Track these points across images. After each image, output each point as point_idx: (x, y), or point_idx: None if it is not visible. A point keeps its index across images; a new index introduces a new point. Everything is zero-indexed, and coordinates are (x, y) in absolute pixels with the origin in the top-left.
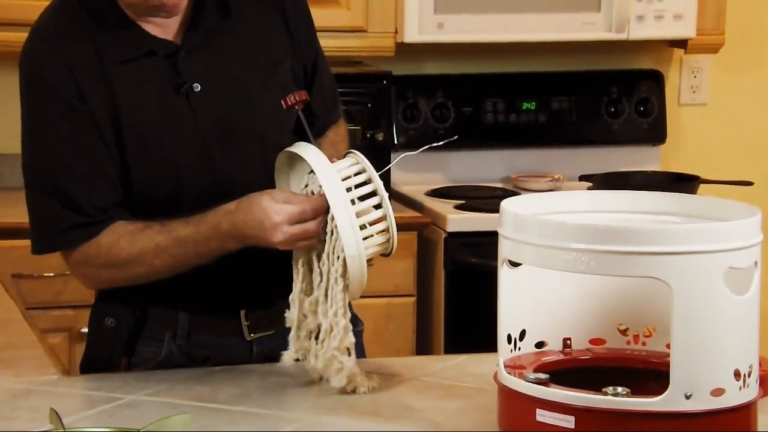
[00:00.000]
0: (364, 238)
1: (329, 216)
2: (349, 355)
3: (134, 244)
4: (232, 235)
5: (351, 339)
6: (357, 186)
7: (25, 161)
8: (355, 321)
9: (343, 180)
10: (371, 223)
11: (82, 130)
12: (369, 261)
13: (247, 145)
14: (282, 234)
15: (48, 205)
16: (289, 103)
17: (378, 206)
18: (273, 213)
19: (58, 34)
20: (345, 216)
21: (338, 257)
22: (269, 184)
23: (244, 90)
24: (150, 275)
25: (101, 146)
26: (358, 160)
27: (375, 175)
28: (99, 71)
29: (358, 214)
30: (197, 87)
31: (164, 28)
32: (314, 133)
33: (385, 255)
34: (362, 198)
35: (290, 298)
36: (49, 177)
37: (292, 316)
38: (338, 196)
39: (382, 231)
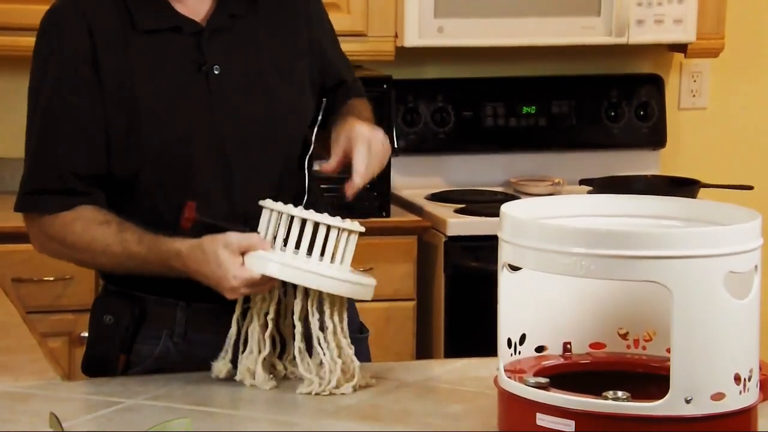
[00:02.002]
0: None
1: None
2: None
3: (87, 233)
4: (180, 272)
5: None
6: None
7: (28, 111)
8: (361, 328)
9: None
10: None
11: (82, 97)
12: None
13: (259, 134)
14: (236, 293)
15: (28, 163)
16: (190, 220)
17: (317, 226)
18: (232, 277)
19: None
20: (309, 276)
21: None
22: (276, 173)
23: (262, 79)
24: (93, 266)
25: (95, 115)
26: (269, 209)
27: (289, 210)
28: (120, 40)
29: (313, 244)
30: (217, 69)
31: (192, 9)
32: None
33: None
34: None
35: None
36: (37, 132)
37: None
38: (293, 274)
39: (343, 230)
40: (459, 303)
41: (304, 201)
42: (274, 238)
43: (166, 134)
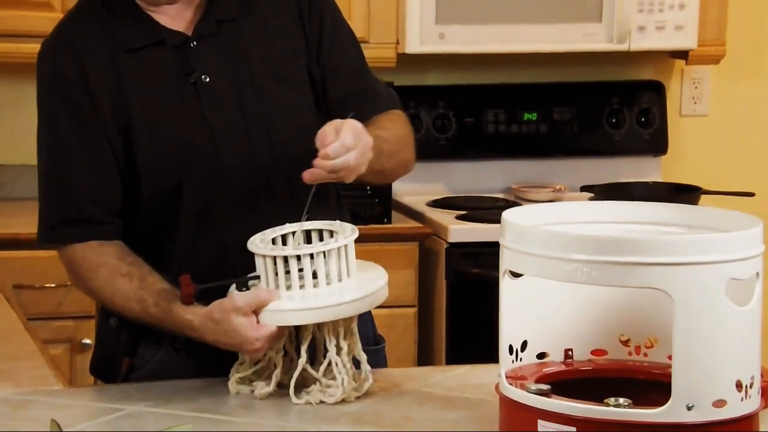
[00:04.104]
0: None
1: None
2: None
3: (110, 284)
4: (195, 338)
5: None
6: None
7: (37, 148)
8: (377, 339)
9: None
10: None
11: (83, 122)
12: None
13: (253, 137)
14: (259, 352)
15: (42, 196)
16: (190, 295)
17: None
18: (254, 340)
19: (72, 26)
20: (327, 311)
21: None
22: (273, 175)
23: (253, 82)
24: (114, 311)
25: (100, 139)
26: (260, 255)
27: (275, 252)
28: (107, 60)
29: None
30: (206, 78)
31: (177, 20)
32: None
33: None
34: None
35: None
36: (47, 164)
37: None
38: (297, 317)
39: (340, 247)
40: (460, 309)
41: (305, 214)
42: (277, 274)
43: (161, 148)
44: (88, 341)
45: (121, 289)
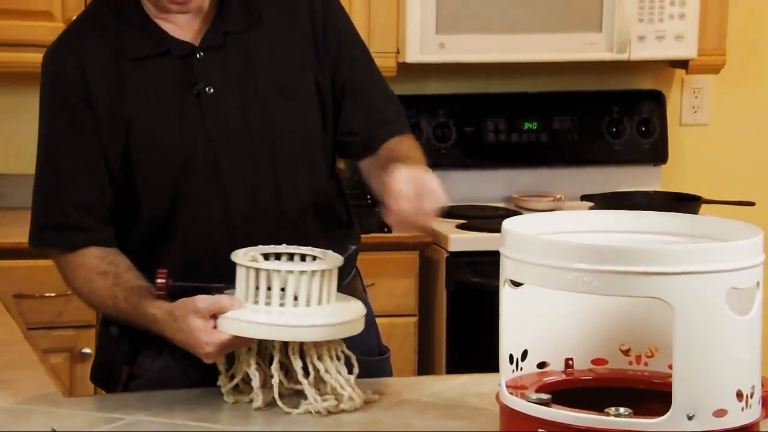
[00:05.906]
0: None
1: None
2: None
3: (87, 283)
4: (160, 335)
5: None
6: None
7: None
8: (381, 349)
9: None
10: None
11: (78, 129)
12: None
13: (256, 151)
14: (211, 357)
15: (37, 199)
16: (163, 288)
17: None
18: (204, 344)
19: (78, 33)
20: (282, 330)
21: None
22: (275, 190)
23: (257, 96)
24: (94, 309)
25: (95, 148)
26: (240, 264)
27: (252, 265)
28: (112, 70)
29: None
30: (210, 89)
31: (185, 30)
32: (355, 151)
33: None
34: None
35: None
36: (40, 168)
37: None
38: (274, 332)
39: (316, 271)
40: (461, 319)
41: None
42: (257, 288)
43: (159, 157)
44: (87, 350)
45: (98, 288)
